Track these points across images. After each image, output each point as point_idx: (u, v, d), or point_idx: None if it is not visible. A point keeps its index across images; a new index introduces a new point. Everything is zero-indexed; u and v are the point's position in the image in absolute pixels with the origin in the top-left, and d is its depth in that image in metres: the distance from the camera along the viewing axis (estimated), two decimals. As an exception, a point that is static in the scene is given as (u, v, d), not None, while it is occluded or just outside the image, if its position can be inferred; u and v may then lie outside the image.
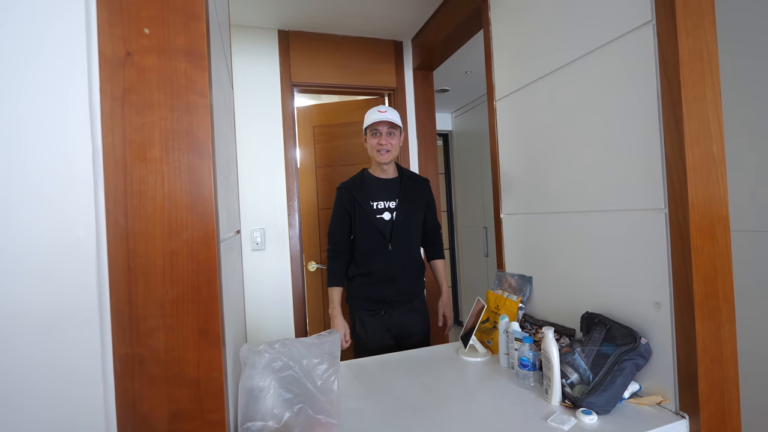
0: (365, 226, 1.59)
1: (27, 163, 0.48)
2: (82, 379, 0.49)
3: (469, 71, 2.93)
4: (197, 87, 0.54)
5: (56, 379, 0.48)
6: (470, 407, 0.98)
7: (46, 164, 0.48)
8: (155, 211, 0.52)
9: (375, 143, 1.56)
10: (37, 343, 0.47)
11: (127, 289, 0.51)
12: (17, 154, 0.47)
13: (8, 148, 0.47)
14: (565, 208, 1.22)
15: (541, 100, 1.30)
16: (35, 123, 0.48)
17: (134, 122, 0.52)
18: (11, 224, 0.47)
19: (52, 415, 0.48)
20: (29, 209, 0.48)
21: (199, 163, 0.54)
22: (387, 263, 1.58)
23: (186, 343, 0.53)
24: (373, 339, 1.59)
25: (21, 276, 0.47)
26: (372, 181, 1.63)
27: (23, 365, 0.47)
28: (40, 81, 0.48)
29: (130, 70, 0.51)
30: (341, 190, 1.64)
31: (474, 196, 3.80)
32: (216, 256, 0.55)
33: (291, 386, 0.63)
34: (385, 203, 1.60)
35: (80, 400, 0.49)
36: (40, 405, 0.47)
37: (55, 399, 0.48)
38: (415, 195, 1.65)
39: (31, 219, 0.48)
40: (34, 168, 0.48)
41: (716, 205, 0.89)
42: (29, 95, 0.48)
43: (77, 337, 0.49)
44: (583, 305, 1.14)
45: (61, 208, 0.49)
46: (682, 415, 0.88)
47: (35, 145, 0.48)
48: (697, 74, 0.88)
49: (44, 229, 0.48)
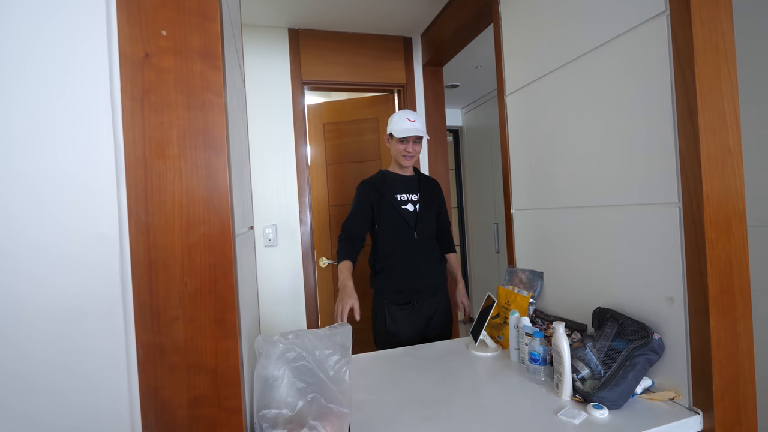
0: (391, 218, 1.64)
1: (59, 161, 0.50)
2: (108, 366, 0.51)
3: (479, 66, 2.91)
4: (212, 86, 0.56)
5: (83, 366, 0.50)
6: (480, 401, 0.99)
7: (73, 162, 0.51)
8: (174, 206, 0.54)
9: (402, 149, 1.64)
10: (65, 331, 0.50)
11: (148, 281, 0.53)
12: (51, 152, 0.50)
13: (42, 145, 0.49)
14: (576, 203, 1.21)
15: (552, 94, 1.29)
16: (65, 122, 0.50)
17: (153, 121, 0.54)
18: (45, 218, 0.49)
19: (79, 400, 0.50)
20: (60, 204, 0.50)
21: (214, 160, 0.56)
22: (414, 253, 1.62)
23: (204, 333, 0.55)
24: (404, 332, 1.61)
25: (50, 266, 0.49)
26: (393, 178, 1.72)
27: (52, 353, 0.49)
28: (68, 82, 0.51)
29: (149, 71, 0.53)
30: (364, 185, 1.70)
31: (485, 192, 3.78)
32: (232, 250, 0.57)
33: (304, 376, 0.65)
34: (407, 196, 1.68)
35: (106, 386, 0.51)
36: (68, 390, 0.50)
37: (81, 385, 0.50)
38: (431, 192, 1.74)
39: (62, 213, 0.50)
40: (64, 165, 0.50)
41: (732, 198, 0.88)
42: (59, 96, 0.50)
43: (103, 326, 0.51)
44: (594, 300, 1.14)
45: (87, 203, 0.51)
46: (695, 411, 0.88)
47: (65, 143, 0.50)
48: (713, 65, 0.87)
49: (73, 223, 0.50)
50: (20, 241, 0.48)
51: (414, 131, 1.60)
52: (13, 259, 0.48)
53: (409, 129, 1.60)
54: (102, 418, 0.51)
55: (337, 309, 1.38)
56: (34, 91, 0.49)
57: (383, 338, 1.64)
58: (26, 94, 0.49)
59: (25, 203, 0.49)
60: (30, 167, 0.49)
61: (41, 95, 0.50)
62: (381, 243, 1.67)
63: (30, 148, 0.49)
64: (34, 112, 0.49)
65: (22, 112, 0.49)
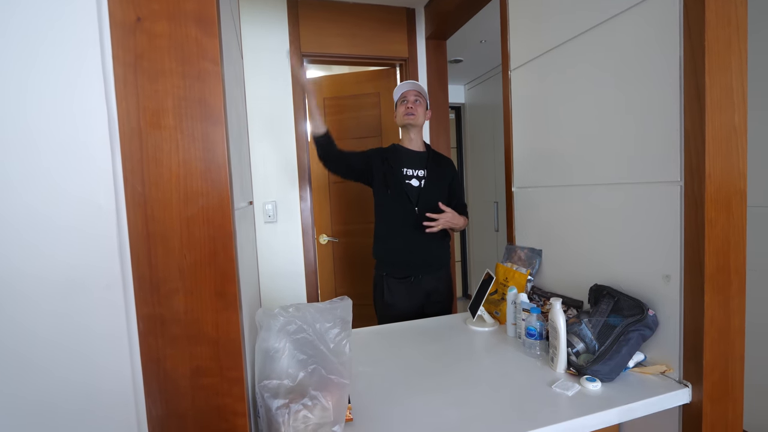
0: (394, 190, 1.64)
1: (50, 129, 0.49)
2: (109, 337, 0.52)
3: (483, 40, 2.83)
4: (208, 54, 0.54)
5: (83, 338, 0.51)
6: (477, 373, 1.01)
7: (69, 130, 0.50)
8: (171, 178, 0.53)
9: (403, 109, 1.66)
10: (64, 304, 0.50)
11: (147, 253, 0.53)
12: (43, 120, 0.49)
13: (33, 113, 0.48)
14: (578, 181, 1.21)
15: (557, 68, 1.26)
16: (57, 88, 0.49)
17: (147, 90, 0.52)
18: (40, 189, 0.49)
19: (80, 371, 0.51)
20: (54, 175, 0.49)
21: (212, 131, 0.55)
22: (413, 228, 1.62)
23: (204, 305, 0.55)
24: (401, 305, 1.64)
25: (49, 238, 0.49)
26: (403, 152, 1.71)
27: (50, 327, 0.50)
28: (57, 46, 0.49)
29: (141, 36, 0.51)
30: (376, 150, 1.74)
31: (486, 170, 3.76)
32: (231, 223, 0.56)
33: (305, 348, 0.66)
34: (414, 171, 1.68)
35: (107, 357, 0.52)
36: (67, 363, 0.51)
37: (81, 357, 0.51)
38: (441, 171, 1.72)
39: (58, 185, 0.49)
40: (56, 133, 0.49)
41: (734, 178, 0.87)
42: (49, 61, 0.49)
43: (103, 299, 0.51)
44: (592, 278, 1.15)
45: (82, 174, 0.50)
46: (685, 383, 0.90)
47: (56, 110, 0.49)
48: (723, 40, 0.84)
49: (70, 195, 0.50)
50: (19, 208, 0.48)
51: (409, 85, 1.65)
52: (12, 227, 0.48)
53: (404, 84, 1.66)
54: (105, 391, 0.52)
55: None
56: (18, 57, 0.48)
57: (381, 309, 1.68)
58: (11, 60, 0.48)
59: (23, 168, 0.48)
60: (23, 135, 0.48)
61: (30, 61, 0.48)
62: (382, 214, 1.68)
63: (20, 116, 0.48)
64: (23, 78, 0.48)
65: (8, 78, 0.48)
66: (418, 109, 1.66)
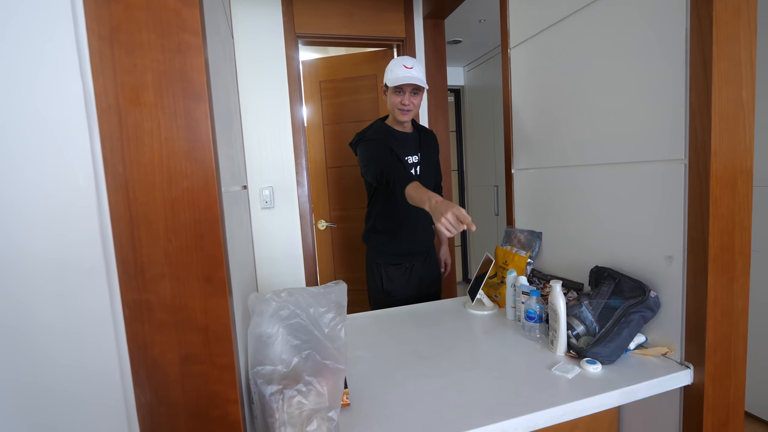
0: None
1: (22, 105, 0.46)
2: (93, 323, 0.50)
3: (483, 20, 2.76)
4: (188, 26, 0.51)
5: (68, 325, 0.49)
6: (476, 356, 1.01)
7: (40, 106, 0.47)
8: (153, 158, 0.51)
9: (398, 102, 1.48)
10: (46, 290, 0.48)
11: (130, 236, 0.51)
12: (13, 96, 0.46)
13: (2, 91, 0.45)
14: (578, 162, 1.18)
15: (558, 45, 1.22)
16: (28, 61, 0.46)
17: (125, 64, 0.49)
18: (10, 170, 0.46)
19: (66, 361, 0.49)
20: (28, 155, 0.47)
21: (195, 108, 0.52)
22: (416, 216, 1.58)
23: (192, 290, 0.53)
24: (401, 292, 1.64)
25: (22, 223, 0.47)
26: (396, 136, 1.55)
27: (34, 313, 0.48)
28: (26, 17, 0.46)
29: (116, 6, 0.48)
30: (382, 141, 1.49)
31: (485, 154, 3.71)
32: (217, 206, 0.54)
33: (299, 333, 0.65)
34: (411, 157, 1.57)
35: (93, 344, 0.50)
36: (54, 351, 0.49)
37: (68, 343, 0.49)
38: (431, 149, 1.65)
39: (30, 165, 0.47)
40: (31, 110, 0.47)
41: (740, 155, 0.85)
42: (18, 34, 0.46)
43: (85, 284, 0.50)
44: (592, 260, 1.13)
45: (58, 154, 0.48)
46: (686, 365, 0.89)
47: (29, 88, 0.46)
48: (732, 9, 0.80)
49: (45, 177, 0.47)
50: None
51: (410, 79, 1.41)
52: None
53: (404, 77, 1.41)
54: (92, 372, 0.50)
55: (449, 219, 1.00)
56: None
57: (379, 298, 1.66)
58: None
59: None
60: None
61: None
62: (383, 206, 1.61)
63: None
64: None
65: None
66: (415, 102, 1.49)
